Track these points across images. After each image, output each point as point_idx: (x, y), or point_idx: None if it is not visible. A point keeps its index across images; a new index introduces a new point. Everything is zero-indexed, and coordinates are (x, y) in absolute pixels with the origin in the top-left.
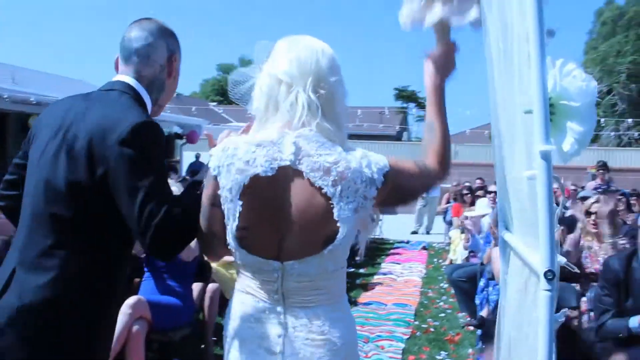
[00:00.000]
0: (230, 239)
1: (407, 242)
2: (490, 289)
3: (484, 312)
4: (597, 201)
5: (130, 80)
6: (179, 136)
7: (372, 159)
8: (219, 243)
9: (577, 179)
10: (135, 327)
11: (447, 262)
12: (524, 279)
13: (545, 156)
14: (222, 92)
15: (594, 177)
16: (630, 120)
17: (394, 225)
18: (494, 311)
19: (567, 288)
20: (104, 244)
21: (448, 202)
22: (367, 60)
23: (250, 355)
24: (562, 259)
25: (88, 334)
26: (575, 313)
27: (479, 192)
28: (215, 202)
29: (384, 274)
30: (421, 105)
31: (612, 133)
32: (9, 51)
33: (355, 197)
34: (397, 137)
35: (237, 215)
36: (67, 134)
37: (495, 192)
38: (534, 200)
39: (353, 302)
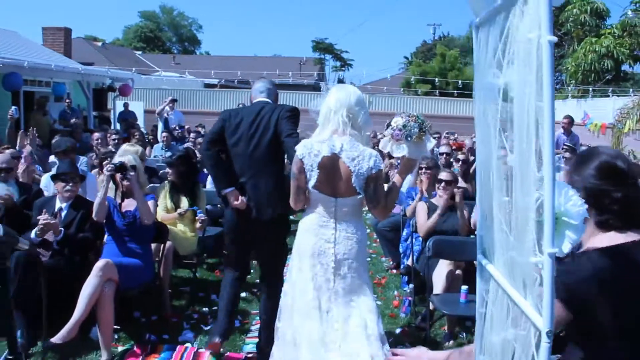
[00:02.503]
0: (311, 187)
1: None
2: (414, 240)
3: (409, 261)
4: None
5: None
6: (112, 89)
7: (375, 159)
8: (302, 192)
9: None
10: (105, 289)
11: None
12: (511, 311)
13: (551, 256)
14: (145, 39)
15: None
16: None
17: None
18: (417, 260)
19: None
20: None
21: None
22: (288, 11)
23: (314, 245)
24: None
25: None
26: None
27: None
28: (302, 171)
29: None
30: (337, 57)
31: None
32: None
33: (359, 176)
34: (316, 87)
35: (316, 176)
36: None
37: None
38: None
39: (289, 249)
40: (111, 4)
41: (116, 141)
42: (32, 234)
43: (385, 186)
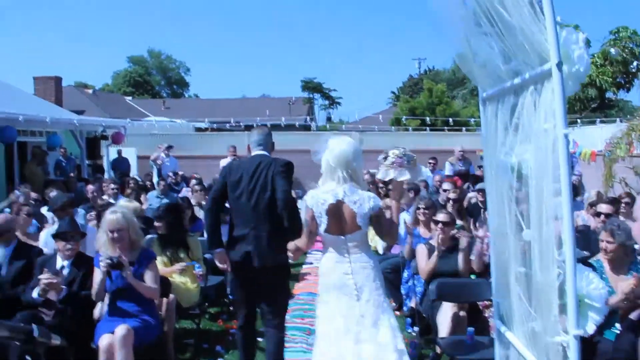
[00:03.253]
0: (321, 231)
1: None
2: (415, 282)
3: (412, 303)
4: None
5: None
6: (105, 137)
7: (374, 200)
8: (313, 236)
9: None
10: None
11: None
12: None
13: (577, 337)
14: (134, 84)
15: None
16: None
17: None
18: (420, 302)
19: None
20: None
21: None
22: (275, 52)
23: (336, 280)
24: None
25: None
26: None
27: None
28: (313, 218)
29: (310, 263)
30: (326, 95)
31: None
32: None
33: (364, 216)
34: (306, 127)
35: (325, 222)
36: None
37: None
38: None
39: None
40: (100, 51)
41: (115, 191)
42: (34, 294)
43: (387, 213)
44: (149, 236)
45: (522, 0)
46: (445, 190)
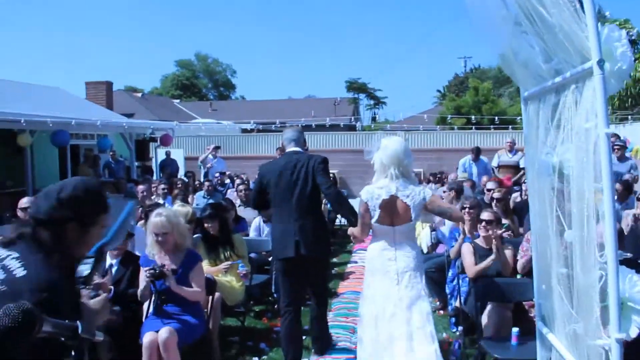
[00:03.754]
0: (374, 222)
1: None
2: (460, 281)
3: (456, 302)
4: None
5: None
6: (153, 139)
7: (425, 192)
8: (367, 226)
9: None
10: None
11: None
12: None
13: (619, 341)
14: (182, 87)
15: None
16: None
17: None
18: (465, 301)
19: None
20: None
21: None
22: (322, 53)
23: (380, 265)
24: None
25: None
26: None
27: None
28: (367, 210)
29: (355, 262)
30: (371, 95)
31: None
32: None
33: (416, 207)
34: (351, 127)
35: (378, 214)
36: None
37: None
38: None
39: (334, 293)
40: (149, 55)
41: (165, 191)
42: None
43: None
44: (195, 236)
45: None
46: (489, 190)
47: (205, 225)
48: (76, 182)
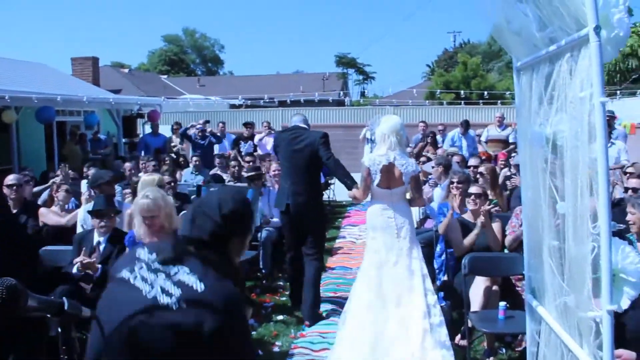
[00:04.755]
0: (375, 185)
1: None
2: (448, 256)
3: (444, 277)
4: None
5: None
6: (141, 115)
7: (414, 166)
8: (368, 188)
9: None
10: None
11: None
12: (566, 357)
13: (610, 313)
14: (170, 62)
15: None
16: None
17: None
18: (453, 276)
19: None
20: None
21: None
22: (310, 27)
23: (381, 222)
24: None
25: None
26: None
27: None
28: (369, 174)
29: (344, 237)
30: (360, 70)
31: None
32: None
33: (407, 175)
34: (339, 102)
35: (378, 178)
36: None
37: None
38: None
39: (322, 269)
40: (135, 30)
41: (156, 168)
42: (74, 269)
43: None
44: (182, 213)
45: None
46: (473, 167)
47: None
48: (233, 195)
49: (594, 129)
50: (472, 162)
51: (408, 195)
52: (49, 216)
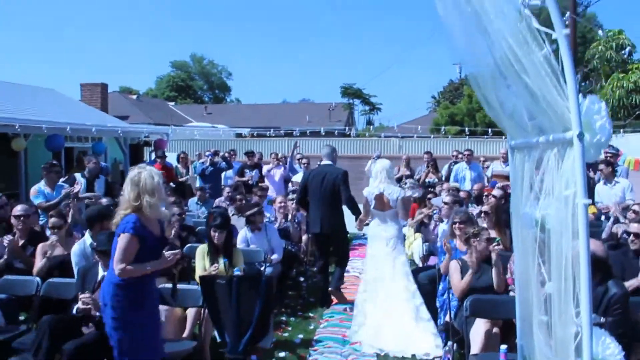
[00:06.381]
0: (372, 208)
1: (364, 236)
2: (450, 295)
3: (446, 317)
4: None
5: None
6: (148, 143)
7: (398, 193)
8: (368, 212)
9: None
10: None
11: None
12: None
13: None
14: (177, 88)
15: None
16: None
17: (348, 219)
18: (454, 316)
19: None
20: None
21: None
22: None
23: (377, 233)
24: None
25: None
26: None
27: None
28: (367, 202)
29: (348, 272)
30: (366, 101)
31: None
32: None
33: (393, 201)
34: (345, 134)
35: (374, 203)
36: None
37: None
38: None
39: (327, 304)
40: (144, 56)
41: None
42: (74, 310)
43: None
44: (188, 245)
45: (543, 67)
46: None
47: (212, 233)
48: None
49: (577, 226)
50: (476, 187)
51: (412, 241)
52: (37, 258)
